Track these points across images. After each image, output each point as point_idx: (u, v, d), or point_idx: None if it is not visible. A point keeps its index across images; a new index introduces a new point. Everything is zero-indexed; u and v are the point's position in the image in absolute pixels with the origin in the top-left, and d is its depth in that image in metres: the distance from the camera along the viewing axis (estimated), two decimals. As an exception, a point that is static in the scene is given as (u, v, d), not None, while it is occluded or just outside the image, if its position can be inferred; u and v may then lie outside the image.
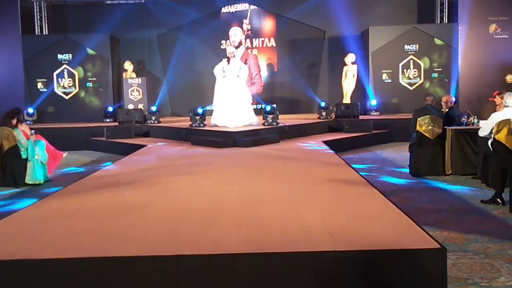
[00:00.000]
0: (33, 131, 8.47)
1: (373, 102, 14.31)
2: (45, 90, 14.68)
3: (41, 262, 3.56)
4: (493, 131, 6.18)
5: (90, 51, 14.68)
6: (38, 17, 15.56)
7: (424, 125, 8.11)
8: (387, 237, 3.81)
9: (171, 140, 11.73)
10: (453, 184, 7.45)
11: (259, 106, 14.70)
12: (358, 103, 13.66)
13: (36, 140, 8.32)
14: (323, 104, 13.41)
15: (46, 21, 15.70)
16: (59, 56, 14.71)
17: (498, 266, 4.10)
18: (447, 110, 8.58)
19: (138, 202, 5.30)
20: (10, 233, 4.24)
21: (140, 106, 14.22)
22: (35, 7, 15.49)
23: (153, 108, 13.49)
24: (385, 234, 3.89)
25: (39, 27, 15.57)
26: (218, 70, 11.69)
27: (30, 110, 14.09)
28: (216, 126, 11.48)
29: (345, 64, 14.71)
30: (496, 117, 6.29)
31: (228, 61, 11.53)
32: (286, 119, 12.35)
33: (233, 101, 11.40)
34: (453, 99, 9.27)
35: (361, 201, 5.12)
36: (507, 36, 13.04)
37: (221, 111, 11.52)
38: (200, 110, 11.72)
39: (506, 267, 4.08)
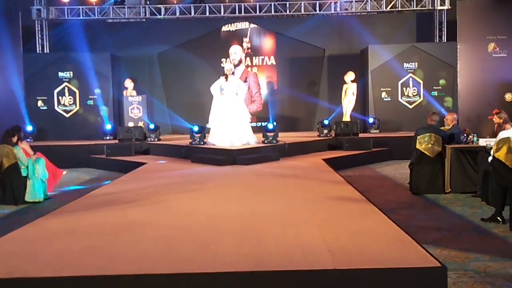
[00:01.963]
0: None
1: (370, 120, 14.35)
2: (45, 108, 14.71)
3: (40, 281, 3.55)
4: (493, 149, 6.18)
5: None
6: (39, 35, 15.67)
7: (424, 143, 8.11)
8: (387, 255, 3.80)
9: (171, 157, 11.73)
10: (453, 202, 7.43)
11: (259, 124, 14.74)
12: (358, 121, 13.71)
13: (37, 157, 8.32)
14: (326, 122, 13.46)
15: (47, 39, 15.80)
16: (60, 74, 14.77)
17: (499, 285, 4.08)
18: (450, 128, 8.59)
19: (137, 220, 5.30)
20: (9, 251, 4.23)
21: (140, 123, 14.24)
22: (36, 25, 15.62)
23: (151, 126, 13.51)
24: (385, 252, 3.88)
25: (40, 45, 15.67)
26: (215, 88, 11.40)
27: (30, 128, 14.08)
28: (213, 145, 11.13)
29: (345, 82, 14.77)
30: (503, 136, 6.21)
31: (226, 78, 11.25)
32: (285, 137, 12.35)
33: (231, 120, 11.07)
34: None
35: (361, 219, 5.11)
36: (505, 55, 13.09)
37: (219, 130, 11.18)
38: (196, 128, 11.66)
39: (507, 286, 4.05)
